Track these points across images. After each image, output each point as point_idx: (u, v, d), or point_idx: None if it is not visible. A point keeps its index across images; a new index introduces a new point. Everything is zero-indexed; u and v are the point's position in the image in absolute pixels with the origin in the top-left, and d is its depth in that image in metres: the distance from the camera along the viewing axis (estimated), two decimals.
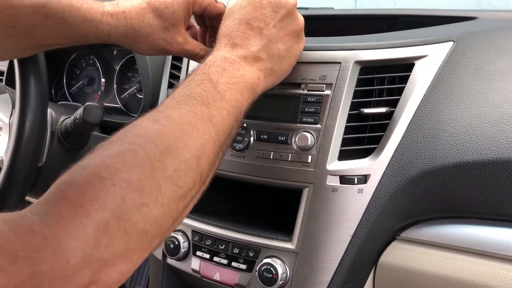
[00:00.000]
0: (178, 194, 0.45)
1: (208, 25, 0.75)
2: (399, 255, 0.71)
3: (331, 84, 0.71)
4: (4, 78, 1.15)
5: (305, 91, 0.72)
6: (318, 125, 0.71)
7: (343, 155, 0.70)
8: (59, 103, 1.16)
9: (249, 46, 0.61)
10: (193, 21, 0.76)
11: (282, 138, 0.73)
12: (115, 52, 1.16)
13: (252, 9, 0.63)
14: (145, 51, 0.70)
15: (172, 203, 0.45)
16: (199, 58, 0.72)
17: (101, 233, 0.38)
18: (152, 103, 0.95)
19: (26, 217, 0.36)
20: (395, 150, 0.68)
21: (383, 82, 0.72)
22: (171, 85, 0.91)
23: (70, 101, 1.22)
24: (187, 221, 0.83)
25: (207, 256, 0.80)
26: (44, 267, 0.34)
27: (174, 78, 0.91)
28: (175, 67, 0.89)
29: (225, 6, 0.71)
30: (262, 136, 0.75)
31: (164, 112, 0.50)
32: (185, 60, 0.88)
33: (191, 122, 0.49)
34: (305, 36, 0.70)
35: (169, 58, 0.91)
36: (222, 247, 0.78)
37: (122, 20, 0.65)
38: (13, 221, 0.36)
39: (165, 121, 0.48)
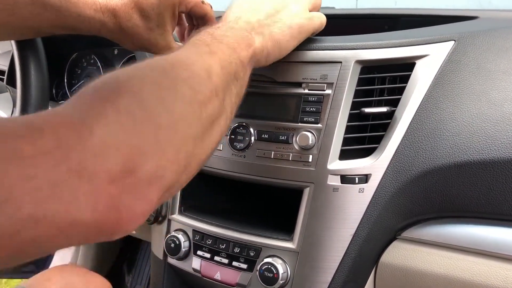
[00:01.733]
0: (196, 98, 0.45)
1: (195, 24, 0.77)
2: (400, 254, 0.71)
3: (332, 83, 0.70)
4: (5, 77, 1.15)
5: (306, 91, 0.72)
6: (319, 125, 0.71)
7: (344, 155, 0.70)
8: (60, 102, 1.16)
9: (251, 18, 0.62)
10: (184, 19, 0.78)
11: (283, 138, 0.73)
12: (116, 52, 1.16)
13: None
14: (131, 48, 0.73)
15: (193, 104, 0.44)
16: None
17: (124, 116, 0.37)
18: None
19: (55, 108, 0.36)
20: (396, 149, 0.68)
21: (384, 81, 0.72)
22: None
23: None
24: (187, 220, 0.83)
25: (208, 255, 0.80)
26: (69, 140, 0.33)
27: None
28: None
29: (211, 7, 0.73)
30: (263, 136, 0.75)
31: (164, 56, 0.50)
32: None
33: (193, 53, 0.50)
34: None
35: None
36: (223, 247, 0.78)
37: (111, 17, 0.68)
38: (40, 112, 0.36)
39: (169, 56, 0.48)
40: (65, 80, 1.24)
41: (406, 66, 0.70)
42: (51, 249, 0.35)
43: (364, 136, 0.71)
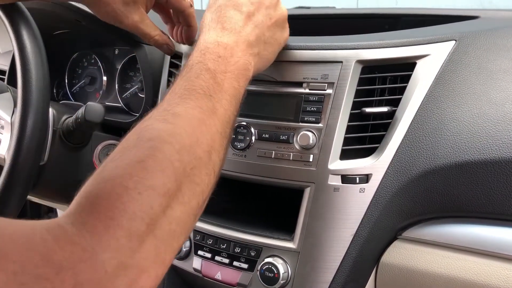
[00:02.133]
0: (196, 191, 0.47)
1: (176, 21, 0.77)
2: (401, 254, 0.71)
3: (333, 83, 0.70)
4: (6, 77, 1.15)
5: (307, 90, 0.72)
6: (320, 124, 0.71)
7: (345, 155, 0.70)
8: (61, 102, 1.16)
9: (239, 31, 0.62)
10: (172, 17, 0.78)
11: (283, 137, 0.73)
12: (116, 51, 1.16)
13: None
14: (101, 17, 0.72)
15: (192, 201, 0.46)
16: (152, 41, 0.75)
17: (134, 241, 0.39)
18: (153, 102, 0.95)
19: (66, 228, 0.38)
20: (397, 149, 0.68)
21: (385, 81, 0.72)
22: (170, 84, 0.90)
23: (71, 101, 1.22)
24: None
25: (208, 255, 0.80)
26: (84, 277, 0.35)
27: (173, 76, 0.91)
28: (174, 66, 0.89)
29: (191, 5, 0.73)
30: (263, 135, 0.75)
31: (171, 110, 0.50)
32: (184, 60, 0.87)
33: (198, 117, 0.50)
34: (307, 36, 0.70)
35: (168, 57, 0.91)
36: (224, 247, 0.78)
37: None
38: (54, 230, 0.37)
39: (174, 120, 0.49)
40: (66, 80, 1.24)
41: (407, 65, 0.70)
42: None
43: (365, 136, 0.71)
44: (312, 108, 0.71)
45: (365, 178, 0.69)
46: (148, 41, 0.76)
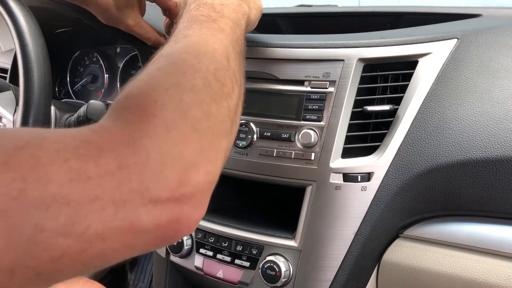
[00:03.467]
0: (224, 92, 0.46)
1: (165, 15, 0.79)
2: (403, 253, 0.71)
3: (335, 81, 0.70)
4: (8, 75, 1.15)
5: (308, 88, 0.72)
6: (322, 123, 0.71)
7: (347, 153, 0.70)
8: (62, 100, 1.16)
9: None
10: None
11: (285, 136, 0.73)
12: (118, 50, 1.16)
13: None
14: (105, 22, 0.76)
15: (223, 101, 0.45)
16: (149, 42, 0.79)
17: (172, 130, 0.38)
18: None
19: (100, 124, 0.37)
20: (399, 147, 0.68)
21: (387, 79, 0.72)
22: None
23: (73, 99, 1.22)
24: None
25: (210, 253, 0.80)
26: (128, 160, 0.35)
27: None
28: None
29: (177, 5, 0.74)
30: (265, 134, 0.74)
31: (179, 35, 0.50)
32: None
33: (208, 33, 0.50)
34: (309, 34, 0.69)
35: None
36: (225, 245, 0.78)
37: None
38: (89, 127, 0.36)
39: (186, 39, 0.49)
40: (68, 78, 1.24)
41: (408, 64, 0.70)
42: (115, 261, 0.37)
43: (366, 134, 0.71)
44: (313, 107, 0.71)
45: (367, 177, 0.69)
46: (146, 42, 0.80)
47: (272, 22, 1.11)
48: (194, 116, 0.41)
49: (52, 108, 0.90)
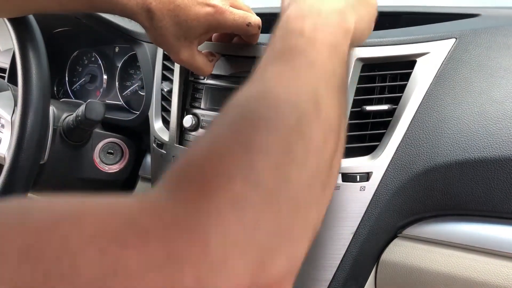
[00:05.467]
0: (310, 148, 0.37)
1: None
2: (401, 252, 0.71)
3: None
4: (6, 75, 1.15)
5: None
6: None
7: (345, 153, 0.70)
8: (61, 100, 1.16)
9: None
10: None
11: None
12: (117, 49, 1.16)
13: None
14: (154, 43, 0.70)
15: (309, 159, 0.36)
16: (203, 76, 0.77)
17: (238, 209, 0.30)
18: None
19: (152, 196, 0.31)
20: (397, 147, 0.68)
21: (385, 79, 0.72)
22: (165, 78, 0.88)
23: (72, 98, 1.22)
24: None
25: None
26: (181, 247, 0.27)
27: (168, 70, 0.89)
28: (167, 58, 0.88)
29: (259, 27, 0.69)
30: None
31: (256, 76, 0.42)
32: None
33: (289, 73, 0.41)
34: None
35: (161, 50, 0.90)
36: None
37: (145, 12, 0.64)
38: (140, 198, 0.31)
39: (262, 83, 0.40)
40: (66, 78, 1.24)
41: (407, 63, 0.70)
42: None
43: (365, 134, 0.71)
44: None
45: (366, 176, 0.69)
46: (199, 74, 0.77)
47: (272, 22, 1.11)
48: (267, 185, 0.32)
49: (51, 108, 0.90)
